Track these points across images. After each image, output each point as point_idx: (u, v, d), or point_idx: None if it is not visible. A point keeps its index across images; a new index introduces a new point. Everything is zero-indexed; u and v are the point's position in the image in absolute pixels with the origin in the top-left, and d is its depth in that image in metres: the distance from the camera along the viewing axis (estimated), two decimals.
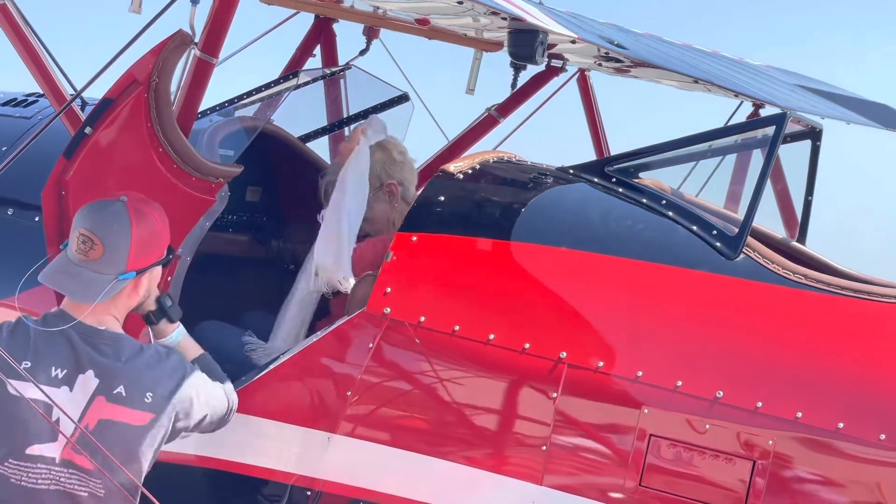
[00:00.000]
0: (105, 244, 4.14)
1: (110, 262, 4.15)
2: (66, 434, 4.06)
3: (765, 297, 4.59)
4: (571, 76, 7.26)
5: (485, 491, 4.55)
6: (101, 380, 4.12)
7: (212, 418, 4.39)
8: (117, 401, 4.11)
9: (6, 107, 6.12)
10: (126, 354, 4.16)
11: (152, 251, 4.25)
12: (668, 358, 4.47)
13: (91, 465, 4.09)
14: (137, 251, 4.18)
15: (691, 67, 5.79)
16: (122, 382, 4.13)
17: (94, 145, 4.30)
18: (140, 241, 4.19)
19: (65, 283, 4.19)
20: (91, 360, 4.13)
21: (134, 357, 4.17)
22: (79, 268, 4.16)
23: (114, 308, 4.23)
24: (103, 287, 4.12)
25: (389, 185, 5.37)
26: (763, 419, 4.35)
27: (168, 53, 4.38)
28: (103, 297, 4.12)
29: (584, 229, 4.83)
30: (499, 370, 4.56)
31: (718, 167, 6.20)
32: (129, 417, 4.12)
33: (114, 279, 4.14)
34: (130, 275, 4.19)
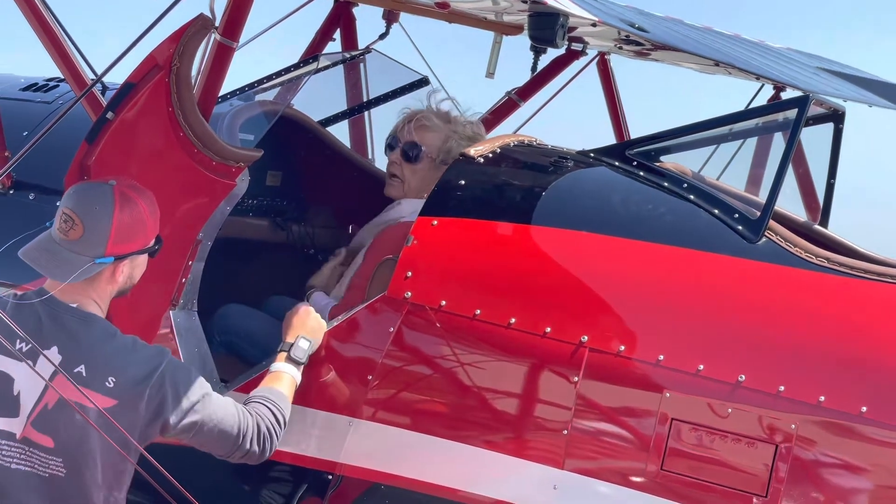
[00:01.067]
0: (85, 225, 4.09)
1: (89, 244, 4.09)
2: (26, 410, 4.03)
3: (787, 280, 4.57)
4: (591, 59, 7.23)
5: (506, 475, 4.55)
6: (64, 357, 4.06)
7: (212, 427, 4.21)
8: (77, 380, 4.03)
9: (27, 91, 6.14)
10: (94, 336, 4.08)
11: (135, 238, 4.18)
12: (689, 342, 4.45)
13: (52, 444, 4.04)
14: (118, 236, 4.11)
15: (712, 50, 5.76)
16: (83, 363, 4.05)
17: (116, 130, 4.30)
18: (121, 226, 4.12)
19: (40, 259, 4.14)
20: (56, 338, 4.06)
21: (103, 340, 4.09)
22: (58, 246, 4.11)
23: (92, 291, 4.16)
24: (78, 268, 4.05)
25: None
26: (785, 403, 4.34)
27: (189, 38, 4.38)
28: (76, 278, 4.05)
29: (605, 213, 4.82)
30: (520, 354, 4.55)
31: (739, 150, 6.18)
32: (87, 399, 4.03)
33: (90, 262, 4.08)
34: (108, 259, 4.12)
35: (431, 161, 5.45)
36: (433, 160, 5.45)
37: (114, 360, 4.06)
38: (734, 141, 5.82)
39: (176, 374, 4.16)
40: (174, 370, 4.16)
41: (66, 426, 4.04)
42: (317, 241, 6.25)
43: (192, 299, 4.96)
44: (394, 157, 5.52)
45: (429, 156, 5.46)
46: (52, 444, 4.05)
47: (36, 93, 6.12)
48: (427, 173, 5.43)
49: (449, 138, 5.46)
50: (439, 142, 5.47)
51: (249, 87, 5.76)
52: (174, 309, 4.88)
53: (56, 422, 4.04)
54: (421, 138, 5.47)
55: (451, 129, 5.49)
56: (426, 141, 5.47)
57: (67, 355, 4.06)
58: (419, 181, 5.45)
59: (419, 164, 5.46)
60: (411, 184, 5.48)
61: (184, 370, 4.22)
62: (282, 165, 6.00)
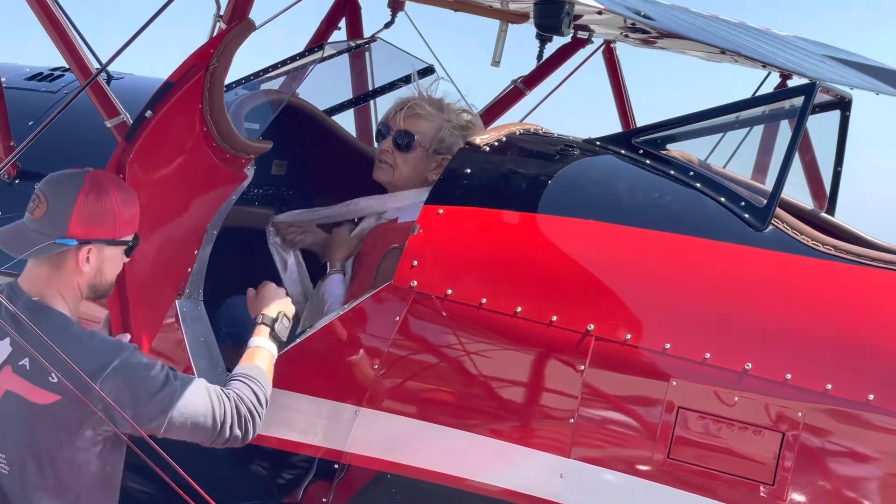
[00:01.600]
0: (49, 203, 4.05)
1: (50, 223, 4.03)
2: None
3: (794, 268, 4.56)
4: (598, 48, 7.22)
5: (512, 463, 4.55)
6: (13, 349, 4.01)
7: (183, 422, 4.08)
8: (21, 374, 3.98)
9: (32, 81, 6.14)
10: (46, 329, 3.94)
11: (101, 224, 4.09)
12: (696, 330, 4.45)
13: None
14: (80, 218, 4.04)
15: (718, 38, 5.75)
16: (28, 356, 3.97)
17: (153, 129, 4.31)
18: (85, 209, 4.05)
19: (7, 240, 4.10)
20: (9, 330, 3.99)
21: (55, 333, 3.95)
22: (24, 226, 4.08)
23: (58, 282, 4.08)
24: (36, 245, 4.00)
25: (445, 160, 5.27)
26: (792, 391, 4.33)
27: (231, 39, 4.39)
28: (32, 254, 4.00)
29: (612, 201, 4.81)
30: (526, 343, 4.54)
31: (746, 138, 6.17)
32: (30, 393, 3.97)
33: (50, 241, 4.01)
34: (70, 242, 4.04)
35: (424, 150, 5.36)
36: (426, 150, 5.36)
37: (63, 353, 3.90)
38: (741, 129, 5.80)
39: (134, 371, 4.03)
40: (132, 366, 4.03)
41: (7, 422, 3.99)
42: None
43: (197, 288, 4.96)
44: (385, 146, 5.40)
45: (421, 145, 5.35)
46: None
47: (41, 82, 6.12)
48: (418, 162, 5.36)
49: (442, 127, 5.37)
50: (432, 131, 5.37)
51: (255, 77, 5.76)
52: (180, 298, 4.88)
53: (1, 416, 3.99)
54: (413, 127, 5.36)
55: (444, 117, 5.40)
56: (419, 129, 5.36)
57: (16, 348, 4.00)
58: (410, 170, 5.37)
59: (411, 153, 5.35)
60: (402, 172, 5.37)
61: (143, 367, 4.05)
62: (287, 155, 5.99)
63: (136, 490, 5.24)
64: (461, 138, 5.34)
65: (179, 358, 4.89)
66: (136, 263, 4.36)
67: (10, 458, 4.00)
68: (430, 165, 5.34)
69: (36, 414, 3.96)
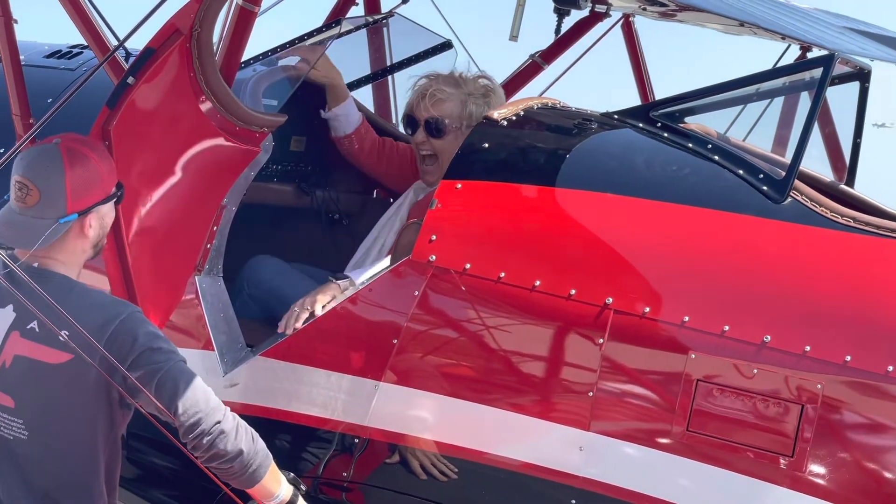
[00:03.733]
0: (40, 188, 4.02)
1: (49, 206, 4.02)
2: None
3: (813, 240, 4.55)
4: (616, 22, 7.19)
5: (532, 437, 4.56)
6: (18, 314, 4.01)
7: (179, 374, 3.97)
8: (30, 336, 3.98)
9: (51, 59, 6.14)
10: (49, 290, 3.95)
11: (93, 190, 4.08)
12: (714, 303, 4.44)
13: (12, 405, 3.99)
14: (75, 192, 4.03)
15: (737, 10, 5.71)
16: (36, 318, 3.97)
17: (137, 95, 4.30)
18: (76, 182, 4.04)
19: (5, 233, 4.08)
20: (12, 295, 4.00)
21: (59, 293, 3.96)
22: (19, 216, 4.05)
23: (59, 252, 4.06)
24: (44, 231, 3.98)
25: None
26: (811, 363, 4.33)
27: (210, 2, 4.37)
28: (44, 241, 3.99)
29: (630, 174, 4.80)
30: (545, 316, 4.55)
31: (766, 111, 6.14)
32: (42, 354, 3.98)
33: (54, 223, 4.00)
34: (72, 217, 4.03)
35: (457, 130, 5.45)
36: (459, 129, 5.45)
37: (68, 313, 3.90)
38: (760, 101, 5.78)
39: (142, 322, 4.02)
40: (139, 319, 4.02)
41: (24, 385, 3.99)
42: (341, 206, 6.25)
43: (217, 265, 4.97)
44: (419, 138, 5.50)
45: (452, 126, 5.46)
46: (13, 405, 4.00)
47: (60, 60, 6.12)
48: (455, 142, 5.37)
49: (465, 102, 5.47)
50: (458, 109, 5.47)
51: (272, 52, 5.75)
52: (199, 274, 4.90)
53: (14, 381, 3.99)
54: (439, 111, 5.46)
55: (464, 92, 5.48)
56: (445, 112, 5.46)
57: (21, 312, 4.01)
58: (450, 153, 5.38)
59: (447, 136, 5.45)
60: (445, 157, 5.39)
61: (150, 324, 4.05)
62: (306, 130, 5.99)
63: (154, 464, 5.29)
64: (486, 105, 5.44)
65: (199, 334, 4.91)
66: (137, 235, 4.36)
67: (28, 422, 4.00)
68: None
69: (50, 375, 3.96)
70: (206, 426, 3.94)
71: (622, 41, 7.38)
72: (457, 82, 5.49)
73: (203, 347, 4.91)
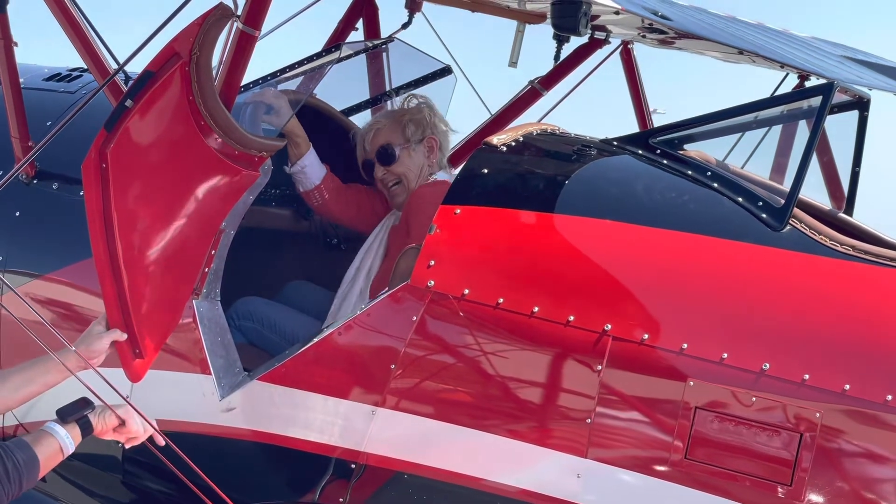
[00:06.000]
0: None
1: None
2: None
3: (811, 268, 4.55)
4: (615, 49, 7.20)
5: (529, 463, 4.55)
6: None
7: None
8: None
9: (50, 82, 6.14)
10: None
11: None
12: (713, 330, 4.44)
13: None
14: None
15: (736, 39, 5.73)
16: None
17: (135, 118, 4.29)
18: None
19: None
20: None
21: None
22: None
23: None
24: None
25: (430, 140, 5.66)
26: (810, 391, 4.32)
27: (209, 26, 4.36)
28: None
29: (629, 201, 4.80)
30: (543, 343, 4.54)
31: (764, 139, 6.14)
32: None
33: None
34: None
35: (408, 148, 5.63)
36: (408, 147, 5.63)
37: None
38: (759, 129, 5.78)
39: None
40: None
41: None
42: (339, 230, 6.25)
43: (214, 289, 4.96)
44: (378, 173, 5.69)
45: (401, 146, 5.62)
46: None
47: (59, 83, 6.12)
48: (411, 159, 5.63)
49: (402, 122, 5.66)
50: (399, 130, 5.66)
51: (272, 77, 5.75)
52: (197, 298, 4.89)
53: None
54: (382, 140, 5.65)
55: (396, 116, 5.70)
56: (386, 139, 5.65)
57: None
58: (411, 170, 5.63)
59: (400, 158, 5.63)
60: (409, 177, 5.63)
61: None
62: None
63: (154, 490, 5.27)
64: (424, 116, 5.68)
65: (196, 357, 4.90)
66: (134, 258, 4.35)
67: None
68: (423, 152, 5.64)
69: None
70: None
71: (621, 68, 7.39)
72: (387, 112, 5.81)
73: (200, 371, 4.90)
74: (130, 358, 4.35)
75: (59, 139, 4.20)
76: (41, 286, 5.42)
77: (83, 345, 4.26)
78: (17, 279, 5.45)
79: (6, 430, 5.58)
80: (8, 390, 4.19)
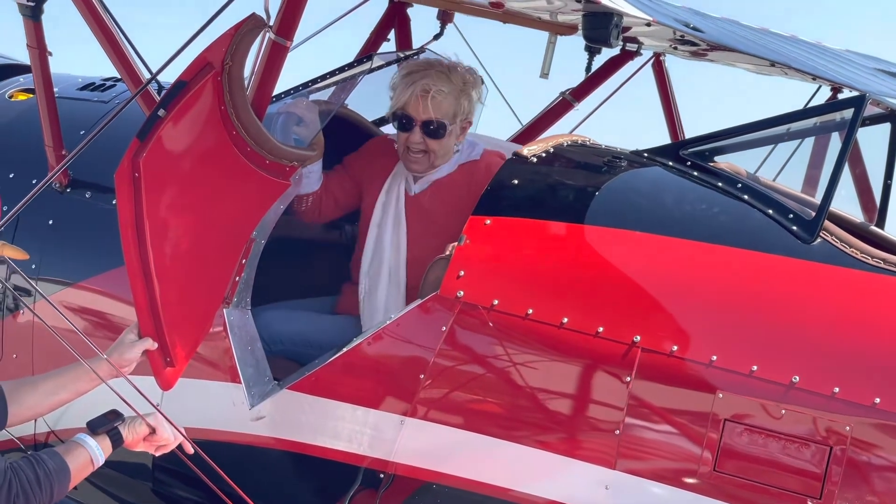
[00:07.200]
0: None
1: None
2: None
3: (842, 281, 4.54)
4: (647, 61, 7.20)
5: (558, 475, 4.55)
6: None
7: None
8: None
9: (84, 91, 6.18)
10: None
11: None
12: (743, 342, 4.43)
13: None
14: None
15: (768, 51, 5.72)
16: None
17: (167, 127, 4.32)
18: None
19: None
20: None
21: None
22: None
23: None
24: None
25: (467, 124, 5.43)
26: (840, 405, 4.30)
27: (241, 37, 4.38)
28: None
29: (658, 212, 4.80)
30: (572, 354, 4.54)
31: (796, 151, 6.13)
32: None
33: None
34: None
35: (452, 129, 5.37)
36: (454, 125, 5.37)
37: None
38: (790, 141, 5.77)
39: None
40: None
41: None
42: None
43: (245, 298, 4.98)
44: (415, 138, 5.36)
45: (450, 126, 5.35)
46: None
47: (93, 92, 6.15)
48: (449, 139, 5.38)
49: (458, 97, 5.36)
50: (454, 106, 5.35)
51: (303, 87, 5.77)
52: (227, 307, 4.91)
53: None
54: (439, 112, 5.32)
55: (456, 87, 5.37)
56: (444, 112, 5.33)
57: None
58: (444, 149, 5.39)
59: (444, 138, 5.36)
60: (437, 153, 5.37)
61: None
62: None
63: (183, 498, 5.28)
64: (472, 98, 5.42)
65: (226, 366, 4.92)
66: (166, 267, 4.38)
67: None
68: (457, 134, 5.41)
69: None
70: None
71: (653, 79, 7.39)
72: (448, 77, 5.39)
73: (230, 380, 4.91)
74: (161, 366, 4.37)
75: (93, 148, 4.22)
76: (74, 294, 5.45)
77: (115, 353, 4.28)
78: (50, 287, 5.48)
79: (38, 437, 5.60)
80: (38, 397, 4.22)
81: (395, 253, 5.37)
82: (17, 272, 4.45)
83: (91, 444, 4.07)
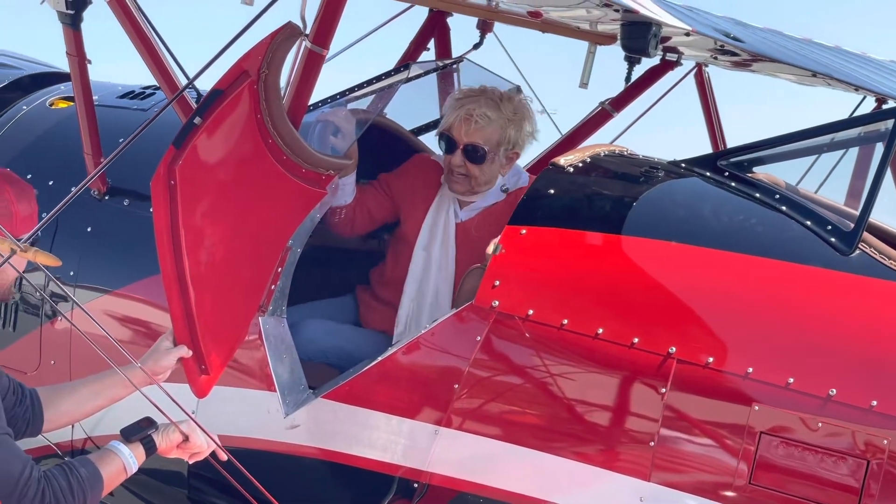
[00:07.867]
0: None
1: None
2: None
3: (881, 293, 4.49)
4: (689, 71, 7.17)
5: (592, 486, 4.52)
6: None
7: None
8: None
9: (123, 99, 6.21)
10: None
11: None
12: (779, 354, 4.39)
13: None
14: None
15: (810, 61, 5.69)
16: None
17: (203, 135, 4.33)
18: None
19: None
20: None
21: None
22: None
23: None
24: None
25: (514, 154, 5.47)
26: (878, 418, 4.26)
27: (278, 45, 4.39)
28: None
29: (695, 223, 4.77)
30: (607, 365, 4.52)
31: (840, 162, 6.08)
32: None
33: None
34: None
35: (494, 155, 5.41)
36: (496, 155, 5.41)
37: None
38: (830, 152, 5.73)
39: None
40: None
41: None
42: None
43: (280, 306, 4.99)
44: (456, 160, 5.42)
45: (492, 153, 5.40)
46: None
47: (132, 100, 6.18)
48: (492, 167, 5.42)
49: (505, 127, 5.39)
50: (497, 136, 5.39)
51: (341, 95, 5.78)
52: (263, 315, 4.91)
53: None
54: (480, 139, 5.38)
55: (504, 117, 5.40)
56: (486, 139, 5.38)
57: None
58: (486, 176, 5.43)
59: (484, 164, 5.40)
60: (479, 180, 5.42)
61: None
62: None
63: None
64: (522, 129, 5.44)
65: (261, 374, 4.92)
66: (201, 274, 4.39)
67: None
68: (502, 163, 5.44)
69: None
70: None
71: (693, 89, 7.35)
72: (497, 105, 5.43)
73: (265, 388, 4.92)
74: (197, 374, 4.37)
75: (131, 156, 4.23)
76: (111, 301, 5.47)
77: (150, 360, 4.29)
78: (87, 294, 5.50)
79: (75, 443, 5.63)
80: (74, 403, 4.24)
81: (443, 278, 5.40)
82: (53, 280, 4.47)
83: (124, 452, 4.07)
